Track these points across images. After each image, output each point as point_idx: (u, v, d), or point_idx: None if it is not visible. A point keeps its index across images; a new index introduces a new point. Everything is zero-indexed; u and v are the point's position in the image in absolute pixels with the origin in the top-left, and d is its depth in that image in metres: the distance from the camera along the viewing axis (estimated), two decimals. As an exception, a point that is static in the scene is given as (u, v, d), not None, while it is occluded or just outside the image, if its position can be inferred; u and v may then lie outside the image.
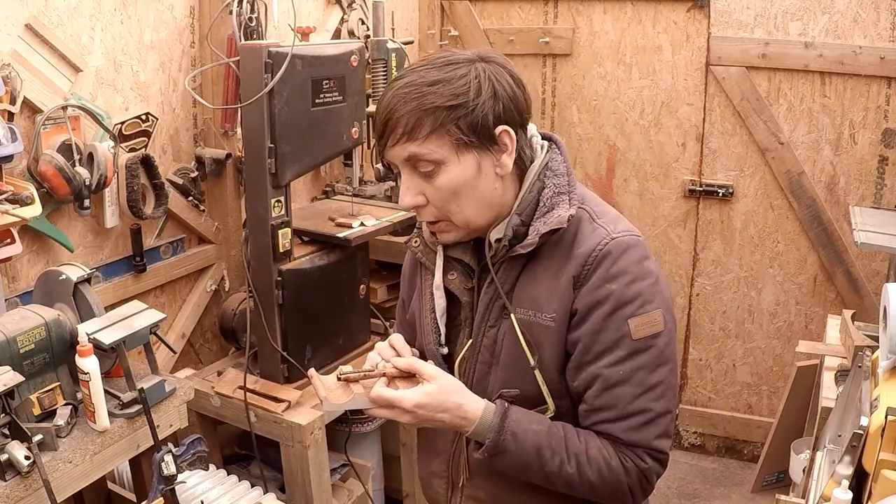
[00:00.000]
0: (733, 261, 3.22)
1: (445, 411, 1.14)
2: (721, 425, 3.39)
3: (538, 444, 1.15)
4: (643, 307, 1.13)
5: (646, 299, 1.13)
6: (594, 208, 1.20)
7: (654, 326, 1.13)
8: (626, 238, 1.15)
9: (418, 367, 1.17)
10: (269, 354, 2.18)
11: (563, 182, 1.18)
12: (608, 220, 1.18)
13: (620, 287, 1.12)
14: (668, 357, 1.15)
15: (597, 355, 1.14)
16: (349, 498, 2.40)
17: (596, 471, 1.15)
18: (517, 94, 1.14)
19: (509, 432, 1.15)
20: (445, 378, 1.17)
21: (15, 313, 1.60)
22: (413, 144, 1.11)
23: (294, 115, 2.02)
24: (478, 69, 1.11)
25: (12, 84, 1.77)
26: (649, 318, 1.13)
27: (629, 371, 1.13)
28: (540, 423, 1.18)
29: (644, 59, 3.16)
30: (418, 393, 1.14)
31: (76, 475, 1.55)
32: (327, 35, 2.82)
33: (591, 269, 1.13)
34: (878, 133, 2.87)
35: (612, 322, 1.13)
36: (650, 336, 1.13)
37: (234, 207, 2.48)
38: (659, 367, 1.14)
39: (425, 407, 1.13)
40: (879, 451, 1.38)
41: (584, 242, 1.15)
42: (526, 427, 1.16)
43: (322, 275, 2.22)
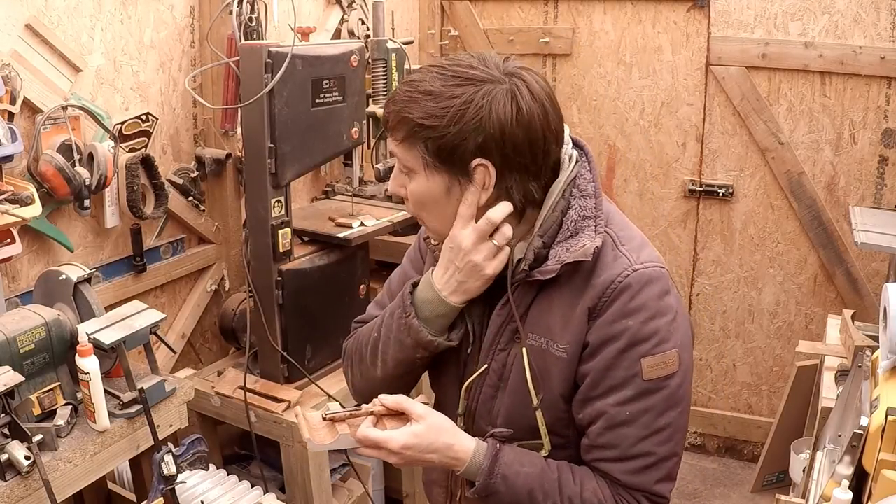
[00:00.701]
0: (733, 261, 3.22)
1: (434, 452, 1.12)
2: (721, 425, 3.39)
3: (530, 487, 1.11)
4: (658, 346, 1.07)
5: (662, 338, 1.07)
6: (619, 232, 1.13)
7: (668, 367, 1.08)
8: (649, 270, 1.08)
9: (407, 406, 1.13)
10: (269, 354, 2.18)
11: (591, 205, 1.11)
12: (632, 248, 1.11)
13: (637, 324, 1.07)
14: (679, 398, 1.10)
15: (605, 392, 1.09)
16: (349, 498, 2.40)
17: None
18: (514, 133, 1.03)
19: (499, 475, 1.11)
20: (435, 417, 1.14)
21: (15, 313, 1.60)
22: (392, 143, 1.11)
23: (294, 115, 2.02)
24: (483, 93, 1.03)
25: (12, 84, 1.77)
26: (664, 358, 1.07)
27: (636, 412, 1.08)
28: (532, 464, 1.13)
29: (644, 59, 3.16)
30: (405, 434, 1.10)
31: (76, 475, 1.55)
32: (327, 35, 2.82)
33: (609, 302, 1.08)
34: (878, 133, 2.87)
35: (625, 360, 1.07)
36: (662, 377, 1.07)
37: (234, 207, 2.48)
38: (668, 410, 1.09)
39: (413, 448, 1.10)
40: (879, 451, 1.38)
41: (604, 272, 1.08)
42: (518, 469, 1.11)
43: (322, 275, 2.22)
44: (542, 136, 1.06)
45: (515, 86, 1.05)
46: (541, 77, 1.09)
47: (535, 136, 1.05)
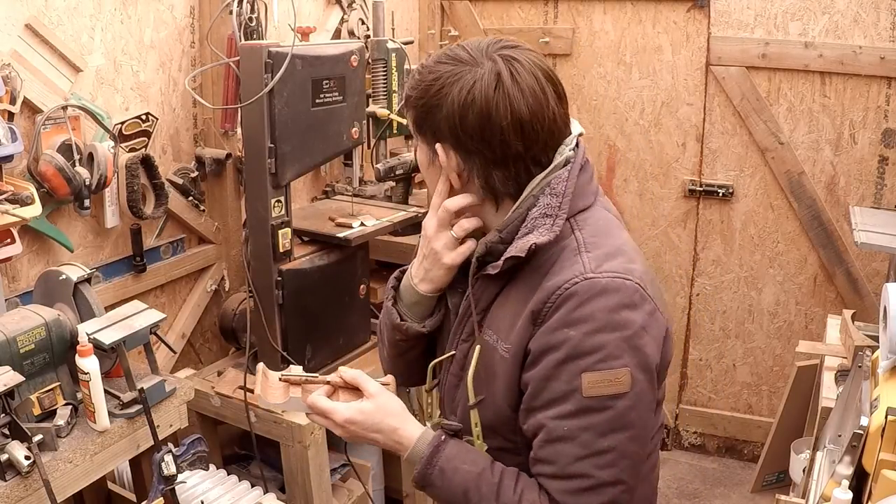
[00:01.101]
0: (733, 261, 3.22)
1: (379, 432, 1.12)
2: (721, 425, 3.39)
3: (466, 486, 1.07)
4: (604, 362, 0.98)
5: (610, 354, 0.98)
6: (589, 238, 1.05)
7: (615, 386, 0.98)
8: (605, 280, 0.99)
9: (361, 382, 1.15)
10: (269, 354, 2.18)
11: (556, 203, 1.04)
12: (596, 255, 1.02)
13: (579, 335, 0.98)
14: (629, 423, 0.99)
15: (545, 403, 1.02)
16: (349, 498, 2.40)
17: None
18: (468, 117, 1.02)
19: (437, 467, 1.08)
20: (385, 398, 1.13)
21: (15, 313, 1.60)
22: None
23: (294, 115, 2.02)
24: (454, 73, 1.03)
25: (12, 84, 1.77)
26: (610, 375, 0.98)
27: (575, 429, 0.99)
28: (475, 463, 1.09)
29: (644, 59, 3.16)
30: (352, 408, 1.11)
31: (76, 475, 1.55)
32: (327, 35, 2.82)
33: (554, 308, 1.00)
34: (878, 133, 2.87)
35: (564, 372, 0.99)
36: (607, 396, 0.98)
37: (234, 207, 2.48)
38: (613, 433, 0.99)
39: (357, 424, 1.11)
40: (879, 451, 1.38)
41: (556, 275, 1.02)
42: (458, 465, 1.08)
43: (322, 275, 2.22)
44: (498, 124, 1.02)
45: (490, 70, 1.02)
46: (533, 67, 1.04)
47: (487, 123, 1.02)
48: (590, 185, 1.10)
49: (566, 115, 1.09)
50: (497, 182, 1.07)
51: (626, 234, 1.11)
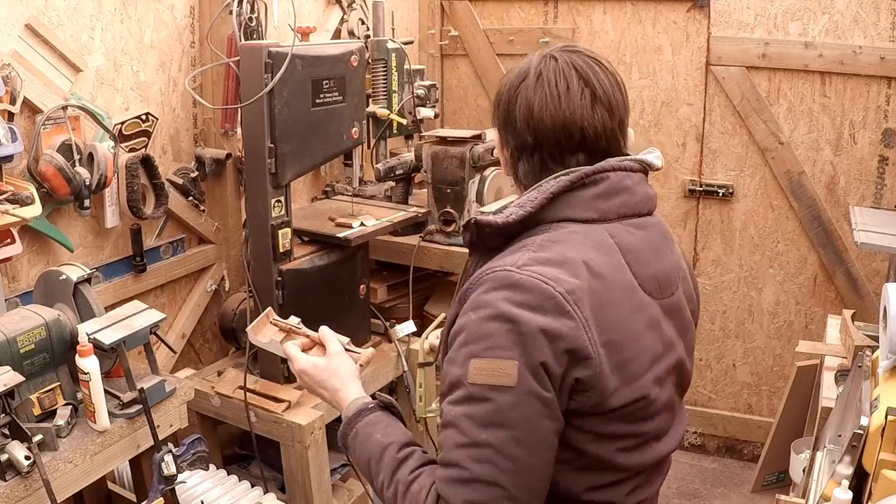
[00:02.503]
0: (733, 261, 3.22)
1: (325, 389, 1.22)
2: (721, 425, 3.39)
3: (370, 455, 1.09)
4: (491, 350, 0.95)
5: (498, 343, 0.94)
6: (547, 242, 1.03)
7: (500, 378, 0.94)
8: (521, 277, 0.97)
9: (326, 340, 1.27)
10: (268, 354, 2.17)
11: (532, 198, 1.06)
12: (535, 256, 1.00)
13: (476, 319, 0.97)
14: (510, 422, 0.94)
15: (447, 388, 1.01)
16: (349, 498, 2.40)
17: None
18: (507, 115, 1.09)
19: (354, 430, 1.13)
20: (338, 360, 1.24)
21: (15, 313, 1.60)
22: None
23: (294, 115, 2.02)
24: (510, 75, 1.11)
25: (12, 84, 1.77)
26: (496, 365, 0.94)
27: (459, 416, 0.96)
28: (388, 436, 1.09)
29: (644, 59, 3.16)
30: (307, 361, 1.24)
31: (76, 475, 1.55)
32: (327, 35, 2.82)
33: (471, 291, 1.02)
34: (878, 133, 2.87)
35: (460, 355, 0.98)
36: (490, 387, 0.94)
37: (234, 207, 2.48)
38: (492, 428, 0.94)
39: (308, 376, 1.23)
40: (879, 451, 1.38)
41: (493, 262, 1.03)
42: (371, 433, 1.10)
43: (322, 275, 2.22)
44: (515, 114, 1.08)
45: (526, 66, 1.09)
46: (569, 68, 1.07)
47: (508, 112, 1.09)
48: (595, 202, 1.06)
49: (601, 123, 1.07)
50: (520, 173, 1.12)
51: (595, 255, 1.02)
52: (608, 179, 1.06)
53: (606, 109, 1.08)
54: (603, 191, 1.06)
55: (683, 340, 1.13)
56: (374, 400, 1.17)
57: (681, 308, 1.13)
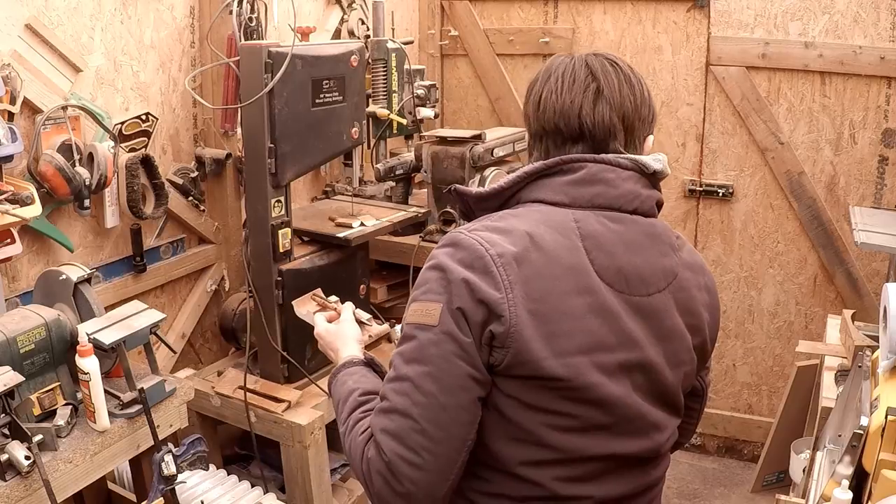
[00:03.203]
0: (733, 261, 3.22)
1: (333, 351, 1.39)
2: (721, 425, 3.39)
3: (339, 398, 1.21)
4: (425, 294, 1.05)
5: (431, 289, 1.05)
6: (506, 215, 1.12)
7: (425, 317, 1.03)
8: (462, 237, 1.07)
9: (342, 312, 1.48)
10: (269, 354, 2.18)
11: (510, 178, 1.14)
12: (485, 224, 1.10)
13: (424, 269, 1.09)
14: (427, 357, 1.02)
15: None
16: (349, 498, 2.40)
17: (349, 442, 1.11)
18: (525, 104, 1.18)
19: (336, 378, 1.27)
20: (346, 325, 1.43)
21: (15, 313, 1.60)
22: None
23: (294, 115, 2.02)
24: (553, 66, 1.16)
25: (12, 84, 1.77)
26: (425, 307, 1.04)
27: (395, 353, 1.07)
28: (359, 383, 1.20)
29: (644, 59, 3.16)
30: (322, 327, 1.44)
31: (76, 475, 1.55)
32: (327, 35, 2.82)
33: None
34: (878, 133, 2.87)
35: (409, 301, 1.09)
36: (417, 325, 1.04)
37: (234, 207, 2.48)
38: (413, 363, 1.03)
39: (321, 338, 1.43)
40: (879, 451, 1.38)
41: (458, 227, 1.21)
42: (345, 380, 1.23)
43: (322, 275, 2.22)
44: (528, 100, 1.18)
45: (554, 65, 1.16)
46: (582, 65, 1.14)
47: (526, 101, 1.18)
48: (568, 188, 1.11)
49: (603, 119, 1.12)
50: (532, 158, 1.19)
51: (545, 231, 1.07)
52: (585, 168, 1.11)
53: (609, 105, 1.11)
54: (578, 178, 1.11)
55: (662, 346, 1.12)
56: (361, 357, 1.32)
57: (660, 312, 1.12)
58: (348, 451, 1.11)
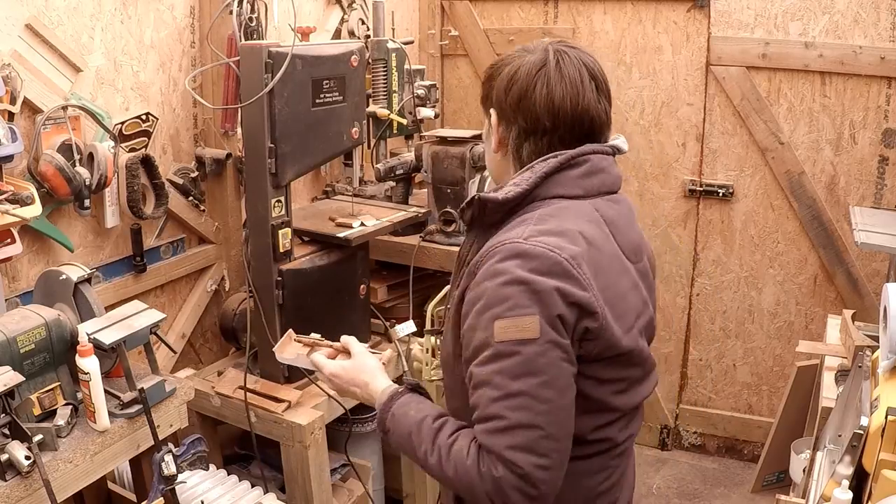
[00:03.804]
0: (733, 261, 3.22)
1: (357, 386, 1.33)
2: (721, 425, 3.39)
3: (410, 429, 1.20)
4: (513, 310, 1.07)
5: (518, 303, 1.08)
6: (544, 216, 1.17)
7: (523, 332, 1.07)
8: (528, 247, 1.10)
9: (349, 346, 1.39)
10: (269, 354, 2.17)
11: (527, 177, 1.19)
12: (537, 229, 1.13)
13: (494, 286, 1.10)
14: (539, 368, 1.07)
15: (472, 353, 1.13)
16: (349, 498, 2.40)
17: (452, 468, 1.12)
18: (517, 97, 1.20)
19: (391, 412, 1.23)
20: (363, 358, 1.36)
21: (15, 313, 1.60)
22: None
23: (294, 115, 2.02)
24: (520, 59, 1.21)
25: (12, 84, 1.77)
26: (518, 322, 1.07)
27: (490, 373, 1.09)
28: (421, 411, 1.21)
29: (644, 59, 3.16)
30: (335, 365, 1.36)
31: (76, 475, 1.55)
32: (327, 35, 2.82)
33: (482, 264, 1.14)
34: (879, 133, 2.87)
35: (483, 320, 1.10)
36: (516, 341, 1.07)
37: (234, 207, 2.48)
38: (524, 377, 1.07)
39: (339, 378, 1.35)
40: (879, 451, 1.38)
41: (498, 237, 1.16)
42: (406, 411, 1.22)
43: (322, 275, 2.22)
44: (534, 99, 1.18)
45: (540, 57, 1.20)
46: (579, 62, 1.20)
47: (524, 97, 1.19)
48: (581, 181, 1.20)
49: (604, 113, 1.22)
50: (524, 153, 1.23)
51: (587, 226, 1.17)
52: (590, 161, 1.21)
53: (607, 100, 1.23)
54: (586, 171, 1.21)
55: (651, 299, 1.31)
56: (402, 385, 1.29)
57: (648, 272, 1.32)
58: (451, 476, 1.12)
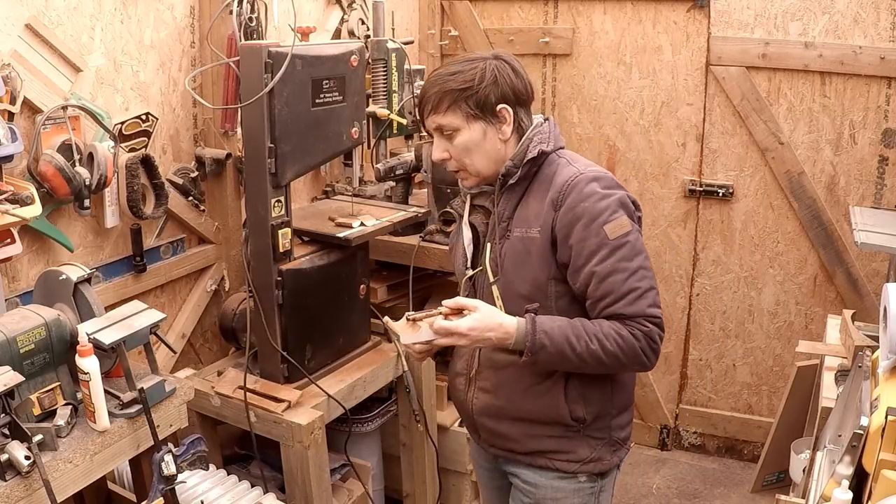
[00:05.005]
0: (733, 261, 3.22)
1: (492, 330, 1.47)
2: (721, 425, 3.39)
3: (565, 334, 1.46)
4: (612, 215, 1.47)
5: (613, 210, 1.48)
6: (570, 157, 1.59)
7: (624, 228, 1.48)
8: (592, 172, 1.52)
9: (463, 303, 1.50)
10: (269, 354, 2.18)
11: (546, 136, 1.57)
12: (580, 165, 1.55)
13: (591, 203, 1.48)
14: (640, 248, 1.50)
15: (587, 258, 1.48)
16: (349, 498, 2.40)
17: (614, 342, 1.45)
18: (515, 82, 1.54)
19: (541, 332, 1.46)
20: (485, 306, 1.50)
21: (15, 313, 1.60)
22: (438, 116, 1.55)
23: (294, 115, 2.02)
24: (487, 63, 1.53)
25: (12, 84, 1.77)
26: (619, 222, 1.48)
27: (614, 263, 1.46)
28: (561, 319, 1.49)
29: (644, 59, 3.16)
30: (469, 319, 1.46)
31: (76, 475, 1.55)
32: (327, 35, 2.82)
33: (566, 194, 1.50)
34: (878, 133, 2.87)
35: (592, 230, 1.47)
36: (622, 235, 1.47)
37: (234, 207, 2.48)
38: (636, 256, 1.48)
39: (476, 329, 1.46)
40: (879, 451, 1.38)
41: (560, 177, 1.53)
42: (552, 325, 1.48)
43: (322, 275, 2.22)
44: (525, 80, 1.58)
45: (503, 59, 1.56)
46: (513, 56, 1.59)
47: (522, 81, 1.56)
48: (560, 136, 1.62)
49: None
50: (522, 117, 1.58)
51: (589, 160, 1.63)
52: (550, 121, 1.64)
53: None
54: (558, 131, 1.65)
55: None
56: (527, 313, 1.51)
57: None
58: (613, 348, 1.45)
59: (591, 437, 1.62)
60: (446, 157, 1.58)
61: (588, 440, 1.61)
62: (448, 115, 1.53)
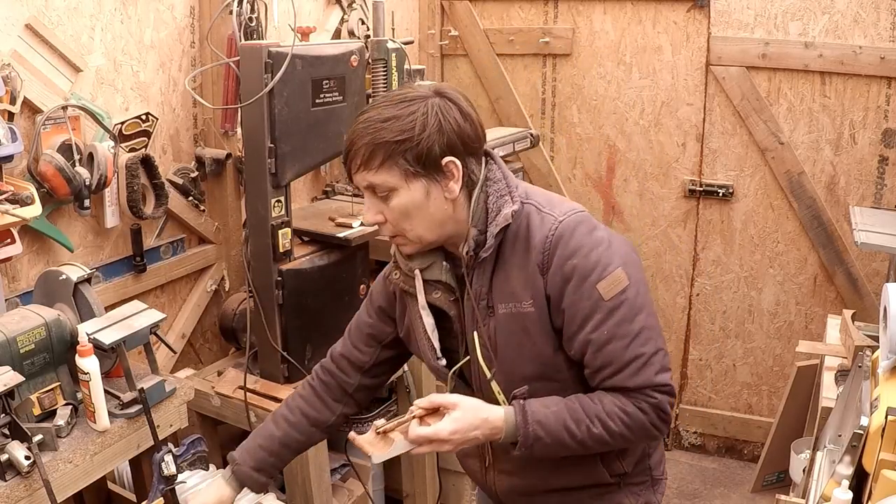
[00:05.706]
0: (733, 261, 3.22)
1: (476, 428, 1.28)
2: (721, 425, 3.39)
3: (562, 420, 1.28)
4: (605, 270, 1.25)
5: (605, 263, 1.26)
6: (538, 200, 1.32)
7: (620, 283, 1.26)
8: (572, 218, 1.28)
9: (439, 401, 1.30)
10: (269, 354, 2.18)
11: (502, 186, 1.31)
12: (552, 208, 1.30)
13: (580, 259, 1.26)
14: (641, 305, 1.28)
15: (580, 324, 1.27)
16: (349, 498, 2.40)
17: (618, 421, 1.27)
18: (463, 126, 1.26)
19: (533, 423, 1.27)
20: (466, 400, 1.30)
21: (15, 313, 1.60)
22: (369, 174, 1.25)
23: (294, 115, 2.02)
24: (428, 105, 1.23)
25: (12, 84, 1.77)
26: (613, 278, 1.26)
27: (612, 328, 1.25)
28: (555, 403, 1.30)
29: (644, 59, 3.16)
30: (449, 421, 1.26)
31: (76, 475, 1.55)
32: (327, 35, 2.82)
33: (551, 254, 1.27)
34: (878, 133, 2.87)
35: (584, 291, 1.25)
36: (619, 293, 1.26)
37: (234, 207, 2.48)
38: (636, 316, 1.27)
39: (459, 431, 1.26)
40: (879, 451, 1.38)
41: (537, 233, 1.28)
42: (545, 412, 1.28)
43: (322, 275, 2.22)
44: (475, 124, 1.29)
45: (448, 97, 1.26)
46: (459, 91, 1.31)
47: (471, 126, 1.27)
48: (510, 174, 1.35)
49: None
50: (473, 168, 1.30)
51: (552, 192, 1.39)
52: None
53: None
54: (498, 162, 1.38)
55: None
56: (515, 399, 1.32)
57: None
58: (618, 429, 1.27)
59: (633, 485, 1.47)
60: (381, 221, 1.30)
61: (630, 488, 1.47)
62: (382, 173, 1.24)
